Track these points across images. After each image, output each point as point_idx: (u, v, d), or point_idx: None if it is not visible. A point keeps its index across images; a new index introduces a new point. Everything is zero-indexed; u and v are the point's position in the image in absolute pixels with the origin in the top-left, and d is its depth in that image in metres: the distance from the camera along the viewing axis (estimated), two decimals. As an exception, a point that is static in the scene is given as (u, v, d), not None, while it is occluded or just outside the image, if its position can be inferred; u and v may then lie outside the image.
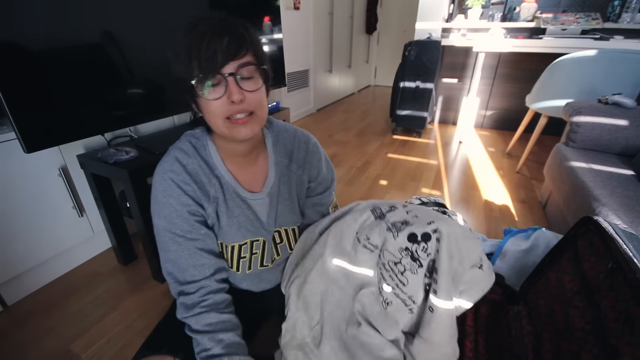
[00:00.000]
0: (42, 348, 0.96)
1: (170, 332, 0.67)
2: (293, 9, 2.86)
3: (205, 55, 0.49)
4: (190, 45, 0.50)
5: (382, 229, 0.65)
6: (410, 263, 0.60)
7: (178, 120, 1.51)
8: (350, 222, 0.70)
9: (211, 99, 0.52)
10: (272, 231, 0.71)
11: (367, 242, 0.66)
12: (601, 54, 1.72)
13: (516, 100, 2.79)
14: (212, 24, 0.50)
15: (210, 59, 0.49)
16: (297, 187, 0.73)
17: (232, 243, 0.67)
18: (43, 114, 0.87)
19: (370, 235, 0.65)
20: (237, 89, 0.51)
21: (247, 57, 0.52)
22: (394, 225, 0.65)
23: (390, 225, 0.65)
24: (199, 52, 0.49)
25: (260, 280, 0.76)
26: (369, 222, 0.68)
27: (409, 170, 2.16)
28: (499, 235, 1.43)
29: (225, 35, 0.49)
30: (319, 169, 0.74)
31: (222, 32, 0.50)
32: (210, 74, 0.50)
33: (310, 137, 0.74)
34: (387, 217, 0.67)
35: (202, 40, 0.49)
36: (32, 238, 1.10)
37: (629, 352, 0.55)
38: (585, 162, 1.28)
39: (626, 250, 0.63)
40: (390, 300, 0.61)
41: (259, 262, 0.72)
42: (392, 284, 0.61)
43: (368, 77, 5.37)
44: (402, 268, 0.60)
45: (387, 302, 0.61)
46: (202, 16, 0.52)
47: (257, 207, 0.68)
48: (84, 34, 0.92)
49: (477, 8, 2.85)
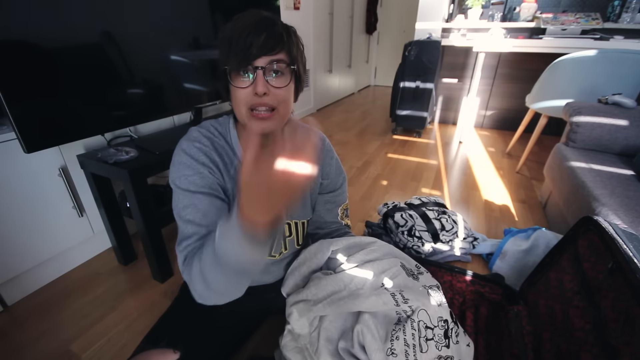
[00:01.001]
0: (42, 348, 0.96)
1: (171, 325, 0.67)
2: (293, 9, 2.86)
3: (242, 46, 0.52)
4: (232, 35, 0.54)
5: (422, 292, 0.65)
6: (440, 337, 0.60)
7: (178, 120, 1.51)
8: (379, 270, 0.67)
9: (238, 87, 0.55)
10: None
11: (401, 297, 0.63)
12: (601, 54, 1.72)
13: (516, 100, 2.79)
14: (255, 21, 0.54)
15: (245, 50, 0.52)
16: (311, 181, 0.74)
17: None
18: (43, 113, 0.87)
19: (408, 294, 0.63)
20: (264, 82, 0.54)
21: (280, 54, 0.54)
22: (434, 290, 0.66)
23: (428, 290, 0.65)
24: (237, 42, 0.52)
25: (264, 273, 0.76)
26: (402, 277, 0.67)
27: (409, 170, 2.16)
28: (499, 235, 1.43)
29: (263, 32, 0.53)
30: (331, 166, 0.77)
31: (261, 28, 0.53)
32: (243, 64, 0.53)
33: (324, 137, 0.77)
34: (420, 280, 0.68)
35: (241, 33, 0.53)
36: (32, 238, 1.10)
37: (629, 352, 0.55)
38: (585, 162, 1.28)
39: (626, 250, 0.63)
40: (397, 353, 0.57)
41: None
42: (410, 342, 0.57)
43: (368, 77, 5.37)
44: (430, 335, 0.59)
45: (393, 354, 0.57)
46: (250, 12, 0.56)
47: None
48: (84, 34, 0.92)
49: (477, 8, 2.84)
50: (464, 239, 1.30)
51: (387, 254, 0.72)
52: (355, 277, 0.66)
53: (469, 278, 1.04)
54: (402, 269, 0.69)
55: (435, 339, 0.59)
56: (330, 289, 0.65)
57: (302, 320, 0.64)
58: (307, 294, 0.66)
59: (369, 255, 0.71)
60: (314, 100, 3.62)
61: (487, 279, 1.03)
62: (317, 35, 3.38)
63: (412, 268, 0.71)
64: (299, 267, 0.74)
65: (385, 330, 0.59)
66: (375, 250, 0.72)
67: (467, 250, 1.30)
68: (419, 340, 0.58)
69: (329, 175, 0.77)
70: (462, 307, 1.00)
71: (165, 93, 1.21)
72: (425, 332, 0.59)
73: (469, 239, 1.31)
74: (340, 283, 0.65)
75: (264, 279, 0.77)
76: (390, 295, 0.62)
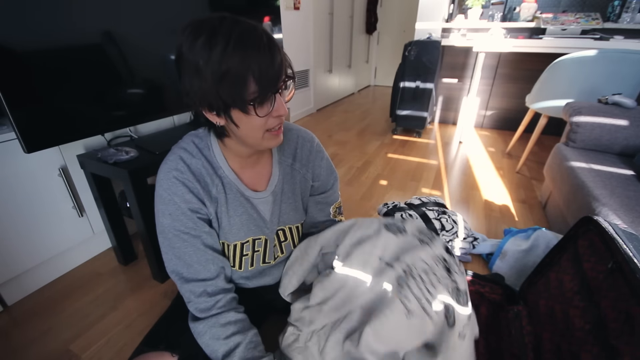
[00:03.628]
0: (42, 348, 0.96)
1: (169, 328, 0.67)
2: (293, 9, 2.85)
3: (264, 73, 0.47)
4: (235, 67, 0.46)
5: (412, 243, 0.64)
6: (444, 275, 0.60)
7: (178, 120, 1.51)
8: (369, 248, 0.66)
9: (262, 116, 0.51)
10: (274, 230, 0.72)
11: (394, 262, 0.63)
12: (601, 54, 1.72)
13: (516, 100, 2.79)
14: (256, 45, 0.47)
15: (268, 76, 0.48)
16: (301, 185, 0.74)
17: (234, 242, 0.68)
18: (43, 114, 0.87)
19: (402, 255, 0.63)
20: (282, 102, 0.52)
21: (286, 69, 0.52)
22: (424, 234, 0.65)
23: (418, 236, 0.65)
24: (260, 74, 0.47)
25: (263, 276, 0.76)
26: (393, 242, 0.66)
27: (409, 170, 2.16)
28: (499, 235, 1.43)
29: (271, 49, 0.48)
30: (321, 168, 0.75)
31: (267, 47, 0.47)
32: (271, 91, 0.49)
33: (314, 137, 0.76)
34: (408, 230, 0.67)
35: (253, 59, 0.46)
36: (32, 238, 1.10)
37: (629, 352, 0.55)
38: (585, 162, 1.28)
39: (626, 250, 0.63)
40: (414, 310, 0.58)
41: (261, 260, 0.73)
42: (420, 295, 0.58)
43: (368, 77, 5.37)
44: (434, 278, 0.59)
45: (409, 311, 0.57)
46: (231, 33, 0.46)
47: (260, 206, 0.68)
48: (84, 34, 0.92)
49: (477, 8, 2.84)
50: (464, 239, 1.30)
51: (369, 225, 0.71)
52: (351, 277, 0.66)
53: (469, 278, 1.04)
54: (386, 231, 0.67)
55: (440, 280, 0.59)
56: (330, 293, 0.65)
57: (313, 325, 0.65)
58: (314, 299, 0.66)
59: (353, 237, 0.69)
60: (314, 101, 3.62)
61: (487, 279, 1.03)
62: (317, 35, 3.37)
63: (397, 224, 0.69)
64: (292, 266, 0.75)
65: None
66: (358, 229, 0.71)
67: (467, 250, 1.30)
68: (425, 288, 0.58)
69: (320, 177, 0.76)
70: (462, 307, 0.99)
71: (165, 93, 1.21)
72: (428, 277, 0.59)
73: (469, 239, 1.31)
74: (340, 283, 0.65)
75: (262, 281, 0.77)
76: (387, 265, 0.63)
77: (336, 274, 0.65)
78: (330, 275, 0.65)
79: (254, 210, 0.68)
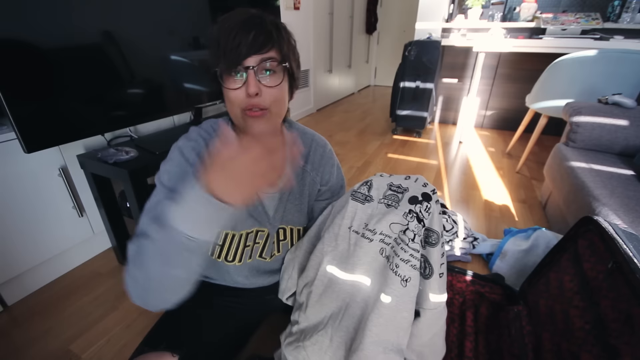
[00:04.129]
0: (42, 348, 0.96)
1: (170, 328, 0.67)
2: (293, 9, 2.85)
3: (230, 46, 0.51)
4: (219, 35, 0.52)
5: (378, 207, 0.64)
6: (417, 225, 0.59)
7: (178, 120, 1.51)
8: (338, 221, 0.66)
9: (230, 88, 0.54)
10: (276, 226, 0.72)
11: (365, 230, 0.63)
12: (601, 54, 1.72)
13: (516, 100, 2.79)
14: (243, 19, 0.52)
15: (234, 50, 0.51)
16: (309, 188, 0.74)
17: (240, 231, 0.68)
18: (43, 113, 0.87)
19: (372, 224, 0.63)
20: (255, 82, 0.53)
21: (271, 52, 0.53)
22: (388, 198, 0.64)
23: (384, 200, 0.64)
24: (226, 43, 0.51)
25: (260, 275, 0.76)
26: (360, 209, 0.66)
27: (409, 170, 2.16)
28: (499, 235, 1.43)
29: (252, 30, 0.51)
30: (331, 174, 0.76)
31: (250, 26, 0.52)
32: (232, 65, 0.52)
33: (327, 143, 0.77)
34: (373, 196, 0.66)
35: (230, 33, 0.51)
36: (32, 238, 1.10)
37: (629, 352, 0.55)
38: (585, 162, 1.28)
39: (626, 250, 0.63)
40: (409, 276, 0.58)
41: (258, 253, 0.73)
42: (407, 257, 0.58)
43: (368, 77, 5.37)
44: (411, 235, 0.59)
45: (406, 280, 0.58)
46: (237, 10, 0.55)
47: (266, 201, 0.69)
48: (84, 34, 0.92)
49: (477, 8, 2.84)
50: (464, 239, 1.30)
51: (340, 201, 0.71)
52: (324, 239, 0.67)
53: (469, 278, 1.04)
54: (353, 200, 0.66)
55: (416, 232, 0.59)
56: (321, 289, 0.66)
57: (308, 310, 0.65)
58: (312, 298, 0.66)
59: (331, 220, 0.69)
60: (314, 101, 3.62)
61: (487, 279, 1.03)
62: (317, 35, 3.37)
63: (362, 191, 0.68)
64: (286, 270, 0.75)
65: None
66: (333, 209, 0.71)
67: (467, 250, 1.30)
68: (410, 248, 0.59)
69: (328, 183, 0.76)
70: (462, 307, 1.00)
71: (165, 93, 1.21)
72: (406, 235, 0.59)
73: (469, 239, 1.31)
74: (327, 276, 0.66)
75: (256, 282, 0.77)
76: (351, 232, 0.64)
77: (324, 268, 0.65)
78: (319, 271, 0.66)
79: (260, 203, 0.68)
